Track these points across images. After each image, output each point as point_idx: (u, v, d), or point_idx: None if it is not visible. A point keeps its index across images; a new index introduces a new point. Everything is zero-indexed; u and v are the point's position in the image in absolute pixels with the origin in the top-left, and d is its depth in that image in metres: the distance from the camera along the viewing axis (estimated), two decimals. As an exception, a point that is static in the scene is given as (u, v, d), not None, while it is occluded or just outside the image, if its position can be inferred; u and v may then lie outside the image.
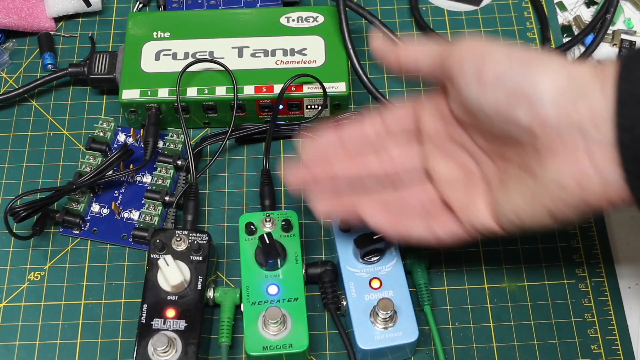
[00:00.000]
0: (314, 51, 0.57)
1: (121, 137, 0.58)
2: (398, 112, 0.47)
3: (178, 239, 0.50)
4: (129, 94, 0.56)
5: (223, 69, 0.56)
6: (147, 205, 0.53)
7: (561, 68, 0.38)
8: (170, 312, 0.48)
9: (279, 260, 0.49)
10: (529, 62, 0.38)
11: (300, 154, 0.46)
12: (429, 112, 0.45)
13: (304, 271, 0.50)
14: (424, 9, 0.65)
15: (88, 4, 0.63)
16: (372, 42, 0.45)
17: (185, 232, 0.50)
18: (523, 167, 0.40)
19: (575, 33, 0.63)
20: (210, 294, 0.49)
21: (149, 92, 0.56)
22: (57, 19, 0.64)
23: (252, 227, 0.50)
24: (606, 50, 0.63)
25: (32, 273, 0.53)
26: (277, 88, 0.55)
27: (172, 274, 0.48)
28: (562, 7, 0.65)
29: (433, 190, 0.46)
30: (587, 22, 0.63)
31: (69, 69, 0.59)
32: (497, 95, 0.38)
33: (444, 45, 0.42)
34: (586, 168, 0.37)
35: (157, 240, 0.49)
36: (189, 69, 0.55)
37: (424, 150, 0.46)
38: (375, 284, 0.48)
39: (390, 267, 0.49)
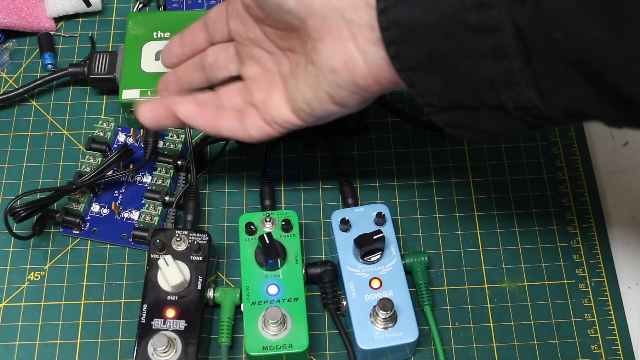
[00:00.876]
0: (314, 51, 0.57)
1: (121, 137, 0.58)
2: (213, 15, 0.49)
3: (178, 239, 0.50)
4: (129, 94, 0.56)
5: (223, 69, 0.56)
6: (147, 205, 0.53)
7: None
8: (170, 312, 0.48)
9: (279, 260, 0.49)
10: None
11: (162, 62, 0.52)
12: (232, 15, 0.47)
13: (304, 271, 0.50)
14: None
15: (88, 4, 0.63)
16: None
17: (185, 232, 0.50)
18: (305, 56, 0.42)
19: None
20: (210, 294, 0.49)
21: (149, 92, 0.56)
22: (57, 19, 0.64)
23: (252, 227, 0.50)
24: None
25: (32, 273, 0.53)
26: (277, 88, 0.55)
27: (172, 274, 0.48)
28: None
29: (241, 89, 0.48)
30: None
31: (69, 69, 0.59)
32: None
33: None
34: (351, 51, 0.39)
35: (157, 240, 0.49)
36: (189, 69, 0.56)
37: (236, 54, 0.48)
38: (375, 284, 0.48)
39: (390, 267, 0.49)
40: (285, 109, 0.45)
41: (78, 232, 0.54)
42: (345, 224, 0.50)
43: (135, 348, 0.46)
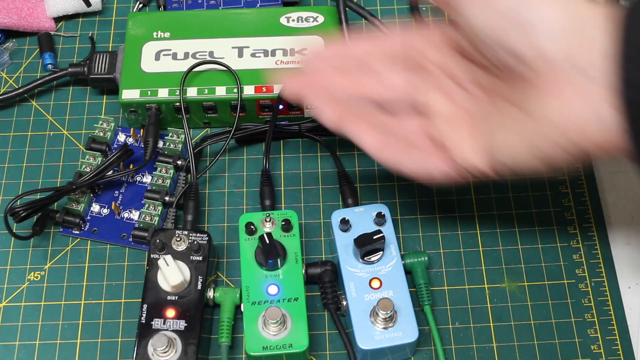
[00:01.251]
0: (314, 51, 0.57)
1: (121, 137, 0.58)
2: (394, 38, 0.46)
3: (178, 239, 0.50)
4: (129, 94, 0.56)
5: (225, 69, 0.56)
6: (147, 205, 0.53)
7: (564, 3, 0.36)
8: (170, 312, 0.48)
9: (279, 260, 0.49)
10: None
11: (301, 64, 0.49)
12: (427, 42, 0.44)
13: (304, 271, 0.50)
14: (424, 9, 0.65)
15: (88, 4, 0.63)
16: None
17: (185, 232, 0.50)
18: (520, 104, 0.38)
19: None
20: (210, 294, 0.49)
21: (149, 92, 0.56)
22: (57, 19, 0.64)
23: (252, 227, 0.50)
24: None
25: (32, 273, 0.53)
26: (277, 88, 0.55)
27: (172, 274, 0.48)
28: (562, 7, 0.65)
29: (425, 124, 0.44)
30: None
31: (69, 69, 0.59)
32: (493, 17, 0.37)
33: None
34: (584, 110, 0.35)
35: (157, 240, 0.49)
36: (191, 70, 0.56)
37: (420, 82, 0.44)
38: (375, 284, 0.48)
39: (390, 267, 0.49)
40: (479, 157, 0.41)
41: (78, 232, 0.54)
42: (345, 224, 0.50)
43: (135, 348, 0.46)
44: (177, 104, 0.55)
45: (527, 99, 0.38)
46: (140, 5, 0.65)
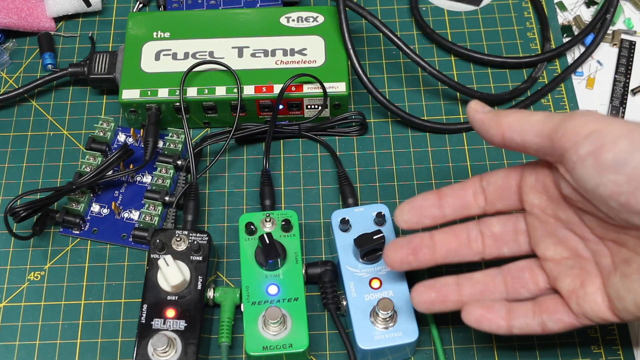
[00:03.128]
0: (314, 51, 0.57)
1: (121, 137, 0.58)
2: (499, 181, 0.43)
3: (178, 239, 0.50)
4: (129, 94, 0.56)
5: (224, 69, 0.56)
6: (147, 205, 0.53)
7: None
8: (170, 312, 0.48)
9: (279, 260, 0.49)
10: None
11: (396, 219, 0.44)
12: (533, 187, 0.42)
13: (304, 271, 0.50)
14: (424, 9, 0.65)
15: (88, 4, 0.63)
16: (472, 111, 0.42)
17: (185, 232, 0.50)
18: None
19: (575, 33, 0.63)
20: (210, 294, 0.49)
21: (149, 92, 0.56)
22: (57, 19, 0.64)
23: (252, 227, 0.50)
24: (606, 50, 0.63)
25: (32, 273, 0.53)
26: (277, 88, 0.55)
27: (172, 274, 0.48)
28: (562, 7, 0.65)
29: (540, 274, 0.43)
30: (587, 22, 0.63)
31: (69, 69, 0.59)
32: (617, 181, 0.35)
33: (554, 119, 0.38)
34: None
35: (157, 240, 0.49)
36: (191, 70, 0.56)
37: (529, 229, 0.43)
38: (375, 284, 0.48)
39: (390, 267, 0.49)
40: (603, 305, 0.40)
41: (78, 232, 0.54)
42: (345, 224, 0.50)
43: (135, 348, 0.46)
44: (177, 104, 0.56)
45: None
46: (140, 5, 0.65)
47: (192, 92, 0.56)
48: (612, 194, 0.36)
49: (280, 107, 0.56)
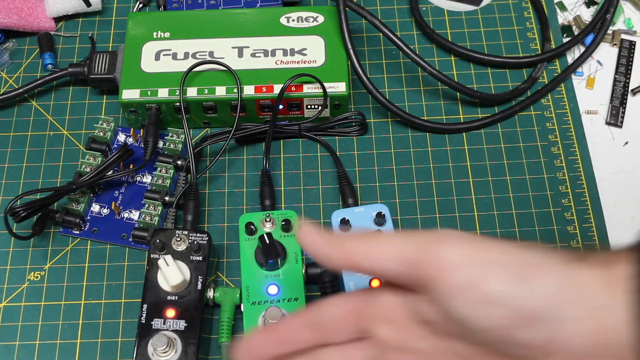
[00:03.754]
0: (314, 51, 0.57)
1: (121, 137, 0.58)
2: (334, 315, 0.38)
3: (178, 239, 0.50)
4: (129, 94, 0.56)
5: (224, 69, 0.56)
6: (147, 205, 0.53)
7: (565, 281, 0.32)
8: (170, 312, 0.48)
9: (279, 260, 0.49)
10: (528, 275, 0.32)
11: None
12: (379, 319, 0.37)
13: (304, 271, 0.50)
14: (424, 9, 0.65)
15: (88, 4, 0.63)
16: (301, 237, 0.36)
17: (185, 232, 0.50)
18: None
19: (575, 33, 0.63)
20: (210, 294, 0.49)
21: (149, 92, 0.56)
22: (57, 19, 0.64)
23: (252, 227, 0.50)
24: (606, 50, 0.63)
25: (32, 273, 0.53)
26: (277, 88, 0.55)
27: (172, 274, 0.48)
28: (562, 7, 0.65)
29: None
30: (587, 22, 0.63)
31: (69, 69, 0.59)
32: (493, 314, 0.32)
33: (412, 245, 0.34)
34: None
35: (157, 240, 0.49)
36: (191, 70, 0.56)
37: (375, 357, 0.37)
38: (375, 283, 0.48)
39: (390, 267, 0.49)
40: None
41: (78, 232, 0.54)
42: (345, 224, 0.50)
43: (135, 348, 0.46)
44: (177, 104, 0.55)
45: None
46: (140, 5, 0.65)
47: (192, 92, 0.56)
48: (490, 327, 0.32)
49: (280, 107, 0.56)
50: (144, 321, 0.47)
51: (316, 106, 0.57)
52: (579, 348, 0.31)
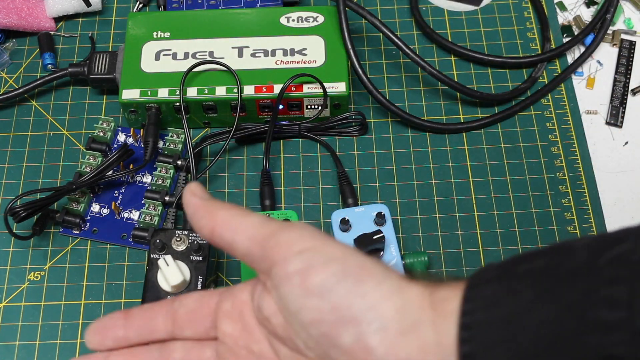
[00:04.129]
0: (314, 51, 0.57)
1: (121, 137, 0.58)
2: (191, 304, 0.39)
3: (178, 239, 0.50)
4: (129, 94, 0.56)
5: (224, 69, 0.56)
6: (147, 205, 0.53)
7: (395, 291, 0.33)
8: (170, 312, 0.47)
9: (279, 260, 0.49)
10: (362, 278, 0.33)
11: (85, 339, 0.39)
12: (228, 314, 0.38)
13: (304, 271, 0.50)
14: (424, 9, 0.65)
15: (88, 4, 0.63)
16: (188, 194, 0.37)
17: (185, 232, 0.50)
18: None
19: (575, 33, 0.63)
20: (210, 294, 0.49)
21: (149, 92, 0.56)
22: (57, 19, 0.64)
23: (252, 227, 0.50)
24: (606, 50, 0.63)
25: (32, 273, 0.53)
26: (277, 88, 0.55)
27: (172, 274, 0.48)
28: (562, 7, 0.65)
29: None
30: (587, 22, 0.63)
31: (69, 69, 0.59)
32: (321, 307, 0.33)
33: (270, 226, 0.35)
34: None
35: (157, 240, 0.49)
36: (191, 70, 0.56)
37: (217, 358, 0.38)
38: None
39: (390, 267, 0.49)
40: None
41: (78, 232, 0.54)
42: (345, 224, 0.50)
43: (135, 348, 0.46)
44: (177, 104, 0.56)
45: None
46: (140, 5, 0.65)
47: (192, 92, 0.56)
48: (314, 321, 0.33)
49: (280, 107, 0.56)
50: (144, 321, 0.47)
51: (316, 106, 0.57)
52: (388, 357, 0.31)
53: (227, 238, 0.36)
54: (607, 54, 0.63)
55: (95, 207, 0.55)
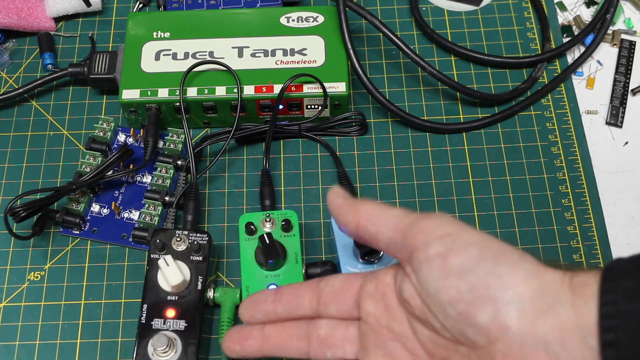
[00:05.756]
0: (314, 51, 0.57)
1: (121, 137, 0.58)
2: (337, 284, 0.42)
3: (178, 239, 0.50)
4: (129, 94, 0.56)
5: (224, 69, 0.56)
6: (147, 205, 0.53)
7: (532, 274, 0.34)
8: (170, 312, 0.48)
9: (279, 260, 0.49)
10: (500, 261, 0.35)
11: (240, 312, 0.44)
12: (371, 295, 0.40)
13: (304, 271, 0.50)
14: (424, 9, 0.65)
15: (88, 4, 0.63)
16: (332, 195, 0.41)
17: (185, 232, 0.50)
18: None
19: (575, 33, 0.63)
20: (210, 294, 0.49)
21: (149, 92, 0.56)
22: (57, 19, 0.64)
23: (252, 227, 0.50)
24: (606, 50, 0.63)
25: (32, 273, 0.53)
26: (277, 88, 0.55)
27: (172, 274, 0.48)
28: (562, 7, 0.65)
29: None
30: (587, 22, 0.63)
31: (69, 69, 0.59)
32: (459, 287, 0.35)
33: (411, 217, 0.38)
34: None
35: (157, 240, 0.49)
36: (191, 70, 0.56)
37: (361, 337, 0.40)
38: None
39: (391, 267, 0.49)
40: None
41: (78, 232, 0.54)
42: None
43: (135, 348, 0.46)
44: (177, 104, 0.56)
45: None
46: (140, 5, 0.65)
47: (192, 92, 0.56)
48: (452, 300, 0.35)
49: (280, 107, 0.56)
50: (144, 321, 0.47)
51: (316, 106, 0.57)
52: (524, 336, 0.33)
53: (372, 230, 0.39)
54: (607, 54, 0.63)
55: (95, 207, 0.55)
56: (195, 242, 0.50)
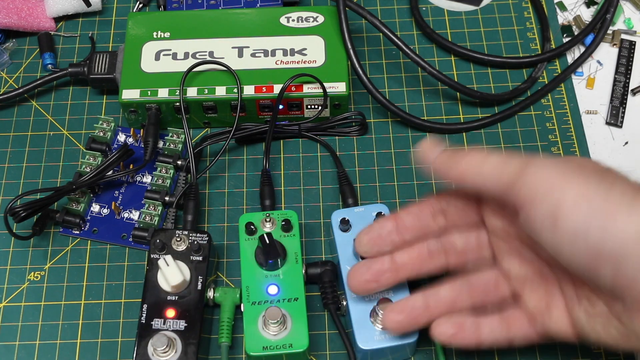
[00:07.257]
0: (314, 51, 0.57)
1: (121, 137, 0.58)
2: (459, 203, 0.43)
3: (178, 239, 0.50)
4: (129, 94, 0.56)
5: (224, 69, 0.56)
6: (147, 205, 0.53)
7: None
8: (170, 312, 0.48)
9: (279, 260, 0.49)
10: (612, 212, 0.34)
11: (357, 250, 0.44)
12: (494, 211, 0.41)
13: (304, 271, 0.50)
14: (424, 9, 0.65)
15: (88, 4, 0.63)
16: (427, 152, 0.42)
17: (185, 232, 0.50)
18: (609, 307, 0.37)
19: (575, 33, 0.63)
20: (210, 294, 0.49)
21: (149, 92, 0.56)
22: (57, 19, 0.64)
23: (252, 227, 0.50)
24: (606, 50, 0.63)
25: (32, 273, 0.53)
26: (277, 88, 0.55)
27: (172, 274, 0.48)
28: (562, 7, 0.65)
29: (505, 287, 0.42)
30: (587, 22, 0.63)
31: (69, 69, 0.59)
32: (576, 249, 0.35)
33: (510, 168, 0.38)
34: None
35: (157, 240, 0.49)
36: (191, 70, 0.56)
37: (493, 245, 0.42)
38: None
39: (391, 267, 0.49)
40: (567, 328, 0.39)
41: (78, 232, 0.54)
42: (345, 224, 0.50)
43: (135, 348, 0.46)
44: (177, 104, 0.56)
45: (614, 305, 0.36)
46: (140, 5, 0.65)
47: (192, 92, 0.56)
48: (572, 259, 0.35)
49: (280, 107, 0.56)
50: (144, 321, 0.47)
51: (316, 106, 0.57)
52: None
53: (475, 184, 0.40)
54: (607, 54, 0.63)
55: (95, 207, 0.55)
56: (195, 242, 0.50)
